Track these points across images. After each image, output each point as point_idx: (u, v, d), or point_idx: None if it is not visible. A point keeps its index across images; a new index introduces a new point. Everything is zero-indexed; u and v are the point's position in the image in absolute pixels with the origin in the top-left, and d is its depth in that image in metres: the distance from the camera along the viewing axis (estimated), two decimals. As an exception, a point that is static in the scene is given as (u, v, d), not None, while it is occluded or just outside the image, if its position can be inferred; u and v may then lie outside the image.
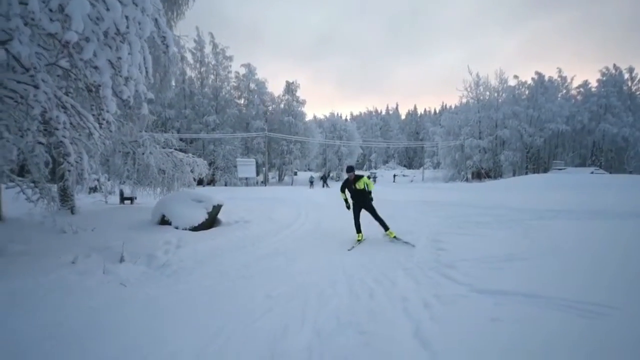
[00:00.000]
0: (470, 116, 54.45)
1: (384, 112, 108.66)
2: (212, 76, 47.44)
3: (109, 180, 14.88)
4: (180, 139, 16.07)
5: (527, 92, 54.12)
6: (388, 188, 29.30)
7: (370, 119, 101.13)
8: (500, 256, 5.72)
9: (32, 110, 6.54)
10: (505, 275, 4.76)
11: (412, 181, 52.63)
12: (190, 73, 46.04)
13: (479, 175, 52.50)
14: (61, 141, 6.62)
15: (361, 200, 8.10)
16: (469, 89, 55.80)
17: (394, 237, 7.71)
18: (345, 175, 10.62)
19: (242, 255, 6.61)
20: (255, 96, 49.28)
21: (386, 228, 7.89)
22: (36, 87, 6.20)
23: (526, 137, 51.02)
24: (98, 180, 11.51)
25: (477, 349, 3.00)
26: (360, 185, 8.03)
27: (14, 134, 6.78)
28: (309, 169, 71.48)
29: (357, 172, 8.31)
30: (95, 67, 5.20)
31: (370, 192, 8.07)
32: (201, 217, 8.74)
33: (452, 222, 9.32)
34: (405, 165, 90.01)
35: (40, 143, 6.60)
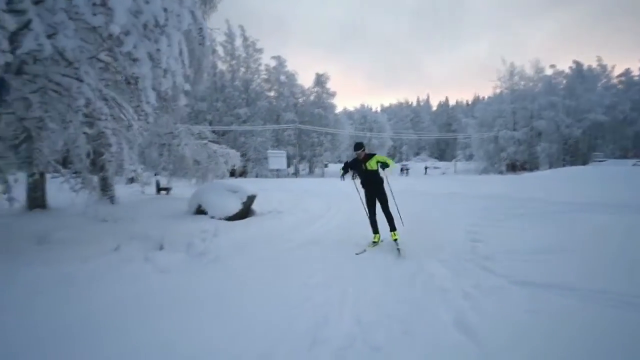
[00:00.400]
0: (504, 107, 52.82)
1: (414, 104, 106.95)
2: (242, 69, 48.07)
3: (145, 171, 15.26)
4: (213, 131, 16.31)
5: (564, 82, 51.93)
6: (420, 180, 28.88)
7: (401, 111, 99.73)
8: (538, 249, 5.55)
9: (75, 102, 6.79)
10: (543, 268, 4.67)
11: (444, 173, 51.67)
12: (221, 66, 46.76)
13: (513, 167, 50.99)
14: (102, 132, 6.85)
15: (374, 188, 6.49)
16: (503, 79, 54.14)
17: (395, 239, 6.37)
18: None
19: (278, 245, 6.66)
20: (285, 88, 49.52)
21: (393, 228, 6.45)
22: (79, 80, 6.42)
23: (563, 128, 49.01)
24: (135, 171, 11.83)
25: (519, 339, 2.98)
26: (372, 164, 6.38)
27: (58, 126, 7.05)
28: (340, 161, 71.42)
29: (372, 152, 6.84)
30: (135, 60, 5.33)
31: (389, 166, 6.39)
32: (236, 207, 8.89)
33: (488, 215, 9.08)
34: (436, 158, 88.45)
35: (84, 133, 6.77)
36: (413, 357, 2.81)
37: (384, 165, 6.37)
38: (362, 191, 6.79)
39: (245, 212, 9.24)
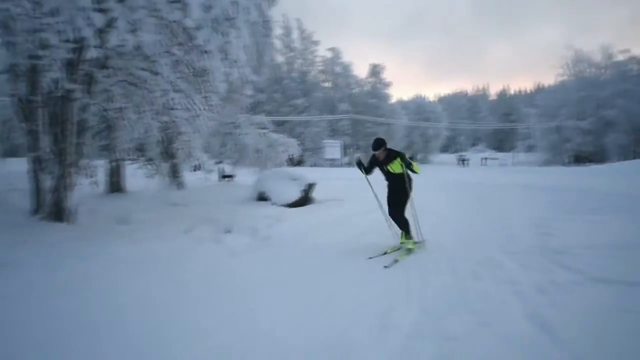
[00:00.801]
0: (569, 95, 49.15)
1: (472, 93, 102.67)
2: (299, 61, 48.87)
3: (209, 159, 15.99)
4: (271, 122, 16.77)
5: (637, 68, 47.43)
6: (479, 171, 27.91)
7: (457, 100, 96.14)
8: (615, 244, 5.27)
9: (150, 94, 7.27)
10: (623, 265, 4.40)
11: (504, 165, 49.36)
12: (279, 58, 47.73)
13: (578, 159, 47.59)
14: (174, 121, 7.27)
15: (398, 192, 5.66)
16: (567, 67, 50.45)
17: (402, 242, 5.58)
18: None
19: (339, 232, 6.80)
20: (341, 79, 49.69)
21: (407, 232, 5.61)
22: (155, 73, 6.86)
23: (636, 117, 44.82)
24: (199, 158, 12.51)
25: (604, 338, 2.83)
26: (395, 167, 5.58)
27: (136, 115, 7.59)
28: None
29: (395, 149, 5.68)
30: (206, 52, 5.62)
31: (415, 173, 5.61)
32: (296, 194, 9.17)
33: (557, 207, 8.66)
34: (495, 148, 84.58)
35: (160, 122, 7.22)
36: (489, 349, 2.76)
37: (409, 169, 5.55)
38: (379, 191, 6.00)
39: (305, 199, 9.48)
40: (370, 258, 5.08)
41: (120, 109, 7.24)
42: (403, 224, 5.63)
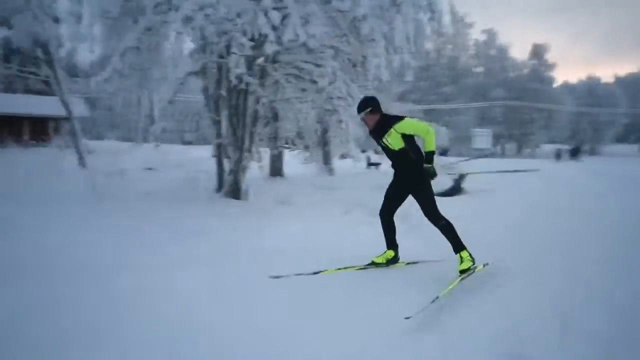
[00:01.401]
0: None
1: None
2: (449, 46, 46.75)
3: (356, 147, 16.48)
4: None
5: None
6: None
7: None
8: None
9: (313, 85, 7.80)
10: None
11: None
12: (427, 45, 46.54)
13: None
14: (336, 110, 7.69)
15: (403, 173, 3.89)
16: None
17: (464, 270, 3.52)
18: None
19: (492, 223, 6.41)
20: (496, 63, 46.10)
21: (460, 248, 3.64)
22: (318, 65, 7.34)
23: None
24: (350, 146, 13.04)
25: None
26: (392, 140, 3.66)
27: (299, 105, 8.26)
28: (554, 142, 62.59)
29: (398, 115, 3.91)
30: (371, 40, 5.81)
31: (428, 156, 3.61)
32: (446, 183, 8.93)
33: None
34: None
35: (319, 111, 7.66)
36: None
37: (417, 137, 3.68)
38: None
39: (456, 189, 9.17)
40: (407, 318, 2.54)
41: (287, 99, 7.97)
42: (446, 231, 3.69)
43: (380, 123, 3.75)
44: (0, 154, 14.25)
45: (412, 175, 3.77)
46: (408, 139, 3.67)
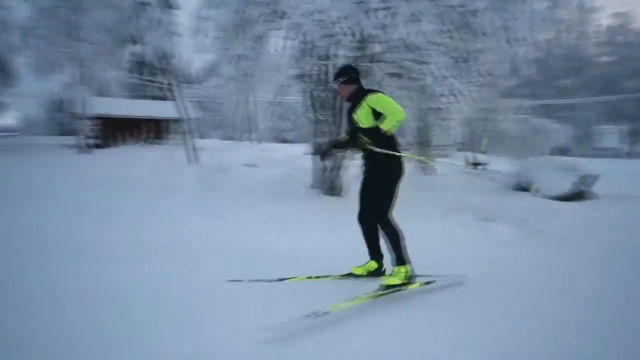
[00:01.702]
0: None
1: None
2: (572, 34, 42.25)
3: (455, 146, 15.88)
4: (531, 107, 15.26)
5: None
6: None
7: None
8: None
9: (416, 83, 7.60)
10: None
11: None
12: (544, 35, 42.62)
13: None
14: (439, 108, 7.41)
15: (366, 164, 3.26)
16: None
17: (392, 285, 2.97)
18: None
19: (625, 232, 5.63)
20: (630, 50, 40.48)
21: (402, 262, 3.09)
22: (422, 62, 7.12)
23: None
24: (451, 145, 12.51)
25: None
26: (362, 114, 3.09)
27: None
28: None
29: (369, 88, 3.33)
30: (484, 33, 5.46)
31: (375, 129, 3.02)
32: (566, 186, 8.12)
33: None
34: None
35: (431, 108, 7.49)
36: None
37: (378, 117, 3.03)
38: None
39: (580, 193, 8.27)
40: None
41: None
42: (385, 238, 3.16)
43: (354, 94, 3.21)
44: (124, 150, 16.12)
45: (370, 161, 3.18)
46: (380, 117, 3.03)
